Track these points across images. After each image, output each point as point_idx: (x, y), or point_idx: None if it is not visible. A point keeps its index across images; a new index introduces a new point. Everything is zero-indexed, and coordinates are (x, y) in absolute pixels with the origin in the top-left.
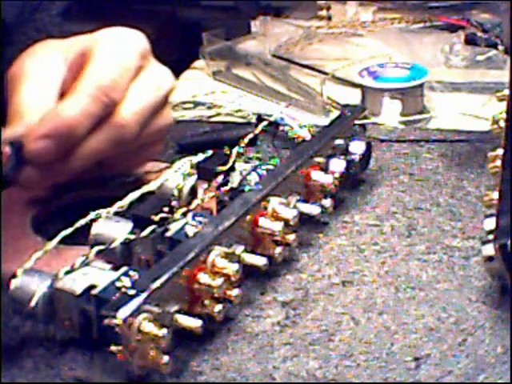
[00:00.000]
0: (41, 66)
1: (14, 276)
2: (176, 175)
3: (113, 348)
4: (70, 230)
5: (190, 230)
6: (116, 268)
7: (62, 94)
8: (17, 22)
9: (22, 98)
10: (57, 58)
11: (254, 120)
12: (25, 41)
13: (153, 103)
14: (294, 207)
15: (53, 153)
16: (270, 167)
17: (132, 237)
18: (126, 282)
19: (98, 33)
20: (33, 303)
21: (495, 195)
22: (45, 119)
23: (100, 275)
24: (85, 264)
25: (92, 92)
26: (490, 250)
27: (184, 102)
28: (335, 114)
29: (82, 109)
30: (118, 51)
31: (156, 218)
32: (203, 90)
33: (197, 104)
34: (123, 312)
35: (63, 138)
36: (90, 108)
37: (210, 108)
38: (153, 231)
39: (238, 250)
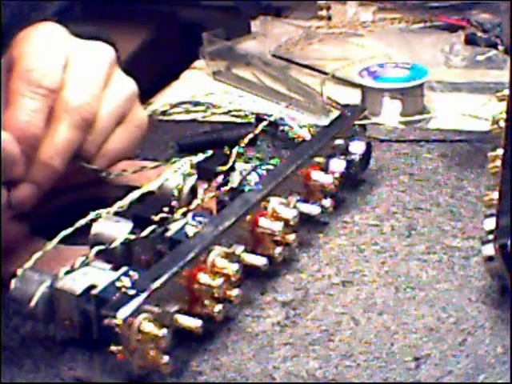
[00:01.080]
0: None
1: (13, 276)
2: (176, 175)
3: (113, 348)
4: (69, 230)
5: (190, 230)
6: (116, 268)
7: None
8: (12, 23)
9: None
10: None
11: (252, 120)
12: None
13: (94, 79)
14: (294, 207)
15: (25, 162)
16: (270, 167)
17: (132, 237)
18: (126, 282)
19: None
20: (33, 303)
21: (495, 195)
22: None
23: (100, 275)
24: (85, 264)
25: (26, 90)
26: (490, 249)
27: (183, 103)
28: (335, 114)
29: (27, 110)
30: (31, 44)
31: (156, 218)
32: (203, 90)
33: (195, 104)
34: (123, 312)
35: (27, 144)
36: (33, 106)
37: (208, 108)
38: (153, 231)
39: (238, 250)
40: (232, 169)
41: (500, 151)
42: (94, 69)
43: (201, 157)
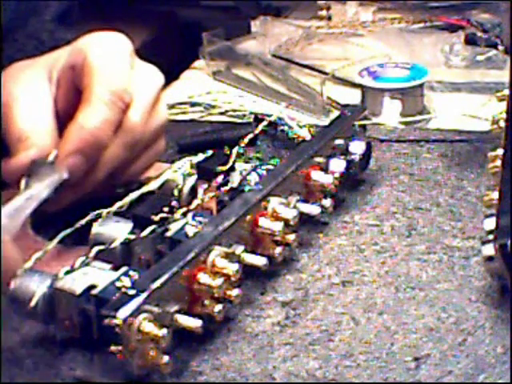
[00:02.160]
0: (27, 90)
1: (14, 276)
2: (176, 175)
3: (113, 348)
4: (69, 230)
5: (190, 230)
6: (116, 268)
7: (59, 113)
8: (10, 28)
9: (20, 125)
10: (40, 79)
11: (251, 120)
12: (15, 47)
13: (151, 101)
14: (294, 207)
15: (84, 167)
16: (270, 167)
17: (132, 237)
18: (126, 282)
19: (80, 42)
20: (33, 303)
21: (495, 195)
22: (68, 135)
23: (100, 275)
24: (85, 264)
25: (107, 99)
26: (490, 249)
27: (180, 103)
28: (335, 114)
29: (103, 117)
30: (112, 55)
31: (156, 218)
32: (203, 90)
33: (193, 104)
34: (123, 312)
35: (91, 150)
36: (109, 115)
37: (206, 108)
38: (153, 231)
39: (238, 250)
40: (232, 169)
41: (500, 151)
42: (150, 93)
43: (201, 157)
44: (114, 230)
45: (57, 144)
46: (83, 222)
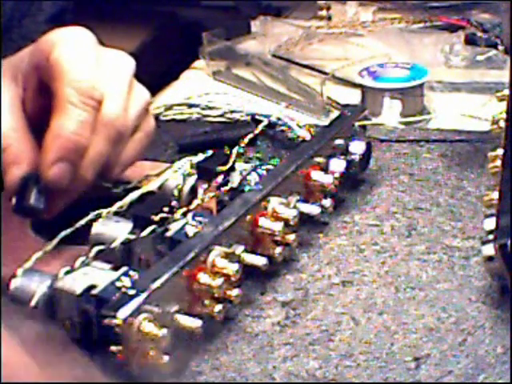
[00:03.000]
0: None
1: (13, 276)
2: (176, 175)
3: (113, 348)
4: (69, 230)
5: (190, 230)
6: (116, 268)
7: (30, 115)
8: (6, 27)
9: None
10: (5, 83)
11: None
12: (11, 47)
13: (125, 88)
14: (294, 207)
15: (69, 173)
16: (270, 167)
17: (132, 237)
18: (126, 282)
19: (40, 41)
20: (33, 303)
21: (495, 195)
22: (47, 145)
23: (100, 275)
24: (85, 264)
25: (77, 100)
26: (490, 249)
27: (178, 105)
28: (335, 114)
29: (77, 121)
30: (75, 51)
31: (156, 218)
32: (203, 90)
33: (191, 106)
34: (123, 312)
35: (72, 155)
36: (83, 117)
37: (203, 109)
38: (153, 231)
39: (238, 250)
40: (232, 169)
41: (500, 151)
42: (122, 80)
43: (201, 157)
44: (114, 229)
45: (34, 150)
46: (83, 222)
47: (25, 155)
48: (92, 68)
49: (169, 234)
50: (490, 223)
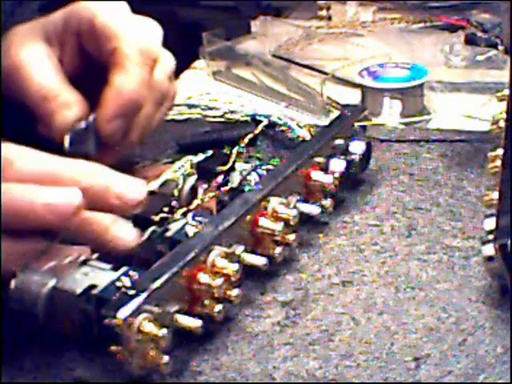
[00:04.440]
0: (34, 53)
1: (14, 276)
2: (176, 175)
3: (113, 348)
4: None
5: (190, 230)
6: (116, 268)
7: (68, 74)
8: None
9: (42, 84)
10: (41, 44)
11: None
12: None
13: (161, 54)
14: (294, 207)
15: (124, 130)
16: (270, 167)
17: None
18: (126, 282)
19: (75, 8)
20: (33, 303)
21: (495, 195)
22: (107, 100)
23: (100, 275)
24: (85, 264)
25: (139, 60)
26: (490, 249)
27: (178, 105)
28: (335, 114)
29: (139, 79)
30: (123, 14)
31: (156, 218)
32: (203, 90)
33: (191, 106)
34: (123, 312)
35: (130, 113)
36: (143, 76)
37: (203, 109)
38: (153, 231)
39: (238, 250)
40: (232, 169)
41: (500, 151)
42: (158, 45)
43: (201, 157)
44: None
45: (83, 101)
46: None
47: (75, 102)
48: (144, 29)
49: (169, 233)
50: (490, 223)
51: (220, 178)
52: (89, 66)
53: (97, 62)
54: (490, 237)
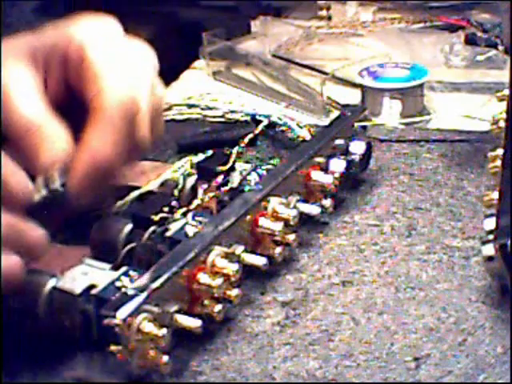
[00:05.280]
0: (13, 78)
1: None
2: (176, 175)
3: (113, 348)
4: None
5: (190, 230)
6: (116, 268)
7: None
8: None
9: (23, 113)
10: (22, 60)
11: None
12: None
13: (151, 90)
14: (294, 207)
15: (95, 192)
16: (270, 167)
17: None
18: (126, 282)
19: (70, 29)
20: (33, 303)
21: (495, 195)
22: (79, 163)
23: (100, 275)
24: (85, 264)
25: (118, 119)
26: (490, 249)
27: (178, 105)
28: (335, 114)
29: (116, 141)
30: (110, 50)
31: (156, 218)
32: (203, 90)
33: (190, 106)
34: (123, 312)
35: (104, 176)
36: (122, 135)
37: (203, 109)
38: (153, 231)
39: (238, 250)
40: (232, 169)
41: (500, 151)
42: (150, 81)
43: (201, 157)
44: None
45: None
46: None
47: (61, 135)
48: (129, 73)
49: (169, 233)
50: (490, 223)
51: (220, 178)
52: (72, 97)
53: (79, 96)
54: (490, 237)
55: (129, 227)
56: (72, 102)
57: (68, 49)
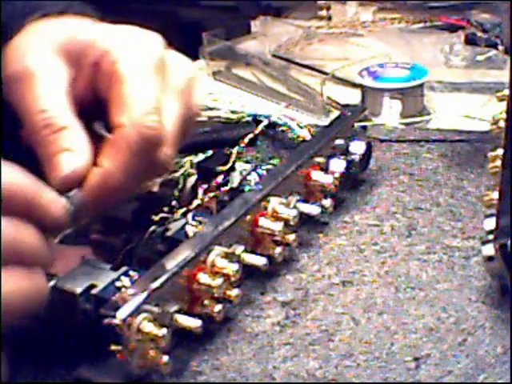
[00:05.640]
0: (43, 67)
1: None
2: (176, 175)
3: (113, 348)
4: (70, 230)
5: (190, 230)
6: (116, 268)
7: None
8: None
9: (44, 106)
10: (57, 59)
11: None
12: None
13: (185, 110)
14: (294, 207)
15: (104, 205)
16: (270, 167)
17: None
18: (126, 281)
19: (108, 37)
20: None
21: (495, 195)
22: (91, 182)
23: (100, 275)
24: (85, 264)
25: (139, 149)
26: (490, 249)
27: None
28: (335, 114)
29: (131, 172)
30: (144, 75)
31: (156, 218)
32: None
33: None
34: (123, 312)
35: (112, 194)
36: (140, 167)
37: (203, 109)
38: (153, 231)
39: (238, 250)
40: (232, 169)
41: (500, 151)
42: (182, 103)
43: (201, 157)
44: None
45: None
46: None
47: (82, 143)
48: (158, 104)
49: (169, 233)
50: (490, 223)
51: (220, 178)
52: (94, 104)
53: (102, 106)
54: (490, 237)
55: None
56: (93, 111)
57: (103, 58)
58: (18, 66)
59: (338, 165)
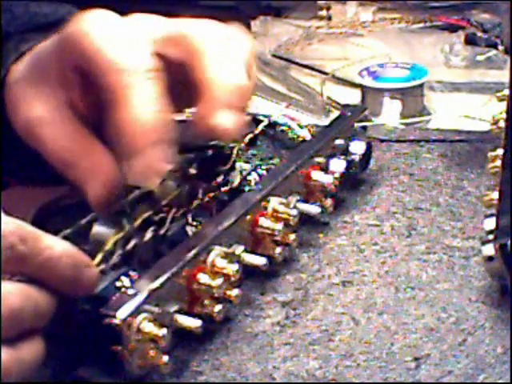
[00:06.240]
0: (50, 116)
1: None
2: (176, 175)
3: (112, 348)
4: (69, 230)
5: (190, 230)
6: (116, 268)
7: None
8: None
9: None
10: (47, 87)
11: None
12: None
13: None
14: (294, 207)
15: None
16: (270, 167)
17: None
18: (126, 281)
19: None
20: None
21: (495, 195)
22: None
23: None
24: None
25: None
26: (490, 249)
27: None
28: (335, 114)
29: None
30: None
31: (156, 218)
32: None
33: None
34: (123, 312)
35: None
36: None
37: None
38: (153, 231)
39: (238, 250)
40: (232, 169)
41: (500, 151)
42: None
43: (201, 157)
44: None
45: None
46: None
47: (101, 167)
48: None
49: (169, 233)
50: (490, 223)
51: (220, 178)
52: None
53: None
54: (490, 237)
55: None
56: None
57: (72, 50)
58: (20, 119)
59: (338, 165)
